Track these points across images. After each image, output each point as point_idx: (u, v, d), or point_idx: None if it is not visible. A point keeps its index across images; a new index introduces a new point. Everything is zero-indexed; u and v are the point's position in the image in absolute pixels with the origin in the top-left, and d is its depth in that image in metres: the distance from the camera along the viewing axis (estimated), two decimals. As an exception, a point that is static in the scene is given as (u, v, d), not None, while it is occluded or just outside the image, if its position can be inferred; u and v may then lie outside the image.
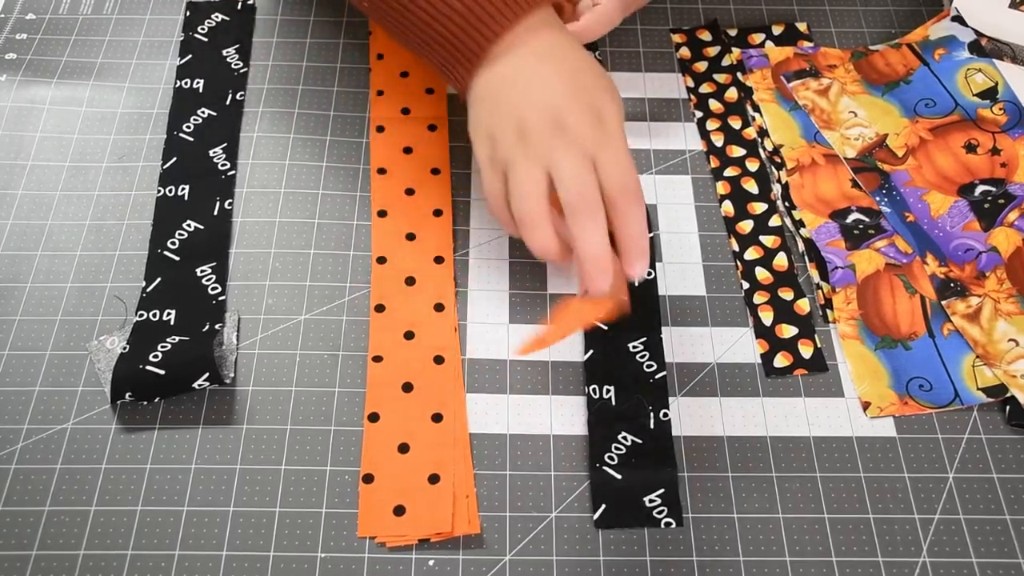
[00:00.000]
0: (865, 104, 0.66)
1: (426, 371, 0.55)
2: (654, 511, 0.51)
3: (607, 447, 0.53)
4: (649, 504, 0.51)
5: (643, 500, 0.51)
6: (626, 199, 0.49)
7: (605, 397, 0.54)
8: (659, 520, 0.50)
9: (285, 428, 0.53)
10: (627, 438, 0.53)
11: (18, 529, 0.49)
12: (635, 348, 0.56)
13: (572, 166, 0.48)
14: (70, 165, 0.63)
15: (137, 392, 0.53)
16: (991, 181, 0.62)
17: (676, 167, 0.65)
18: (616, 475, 0.51)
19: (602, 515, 0.51)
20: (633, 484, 0.51)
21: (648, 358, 0.56)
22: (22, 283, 0.58)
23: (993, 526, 0.51)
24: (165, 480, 0.51)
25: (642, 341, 0.56)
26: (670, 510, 0.51)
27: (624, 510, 0.51)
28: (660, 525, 0.50)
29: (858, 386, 0.55)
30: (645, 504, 0.51)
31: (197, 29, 0.70)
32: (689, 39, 0.71)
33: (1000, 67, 0.67)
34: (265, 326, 0.57)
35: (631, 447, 0.53)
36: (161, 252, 0.59)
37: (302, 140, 0.65)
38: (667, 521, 0.50)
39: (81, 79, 0.67)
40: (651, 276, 0.59)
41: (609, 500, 0.51)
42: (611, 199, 0.49)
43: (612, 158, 0.49)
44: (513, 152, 0.49)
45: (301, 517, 0.50)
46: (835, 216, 0.61)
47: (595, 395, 0.54)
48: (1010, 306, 0.57)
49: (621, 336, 0.56)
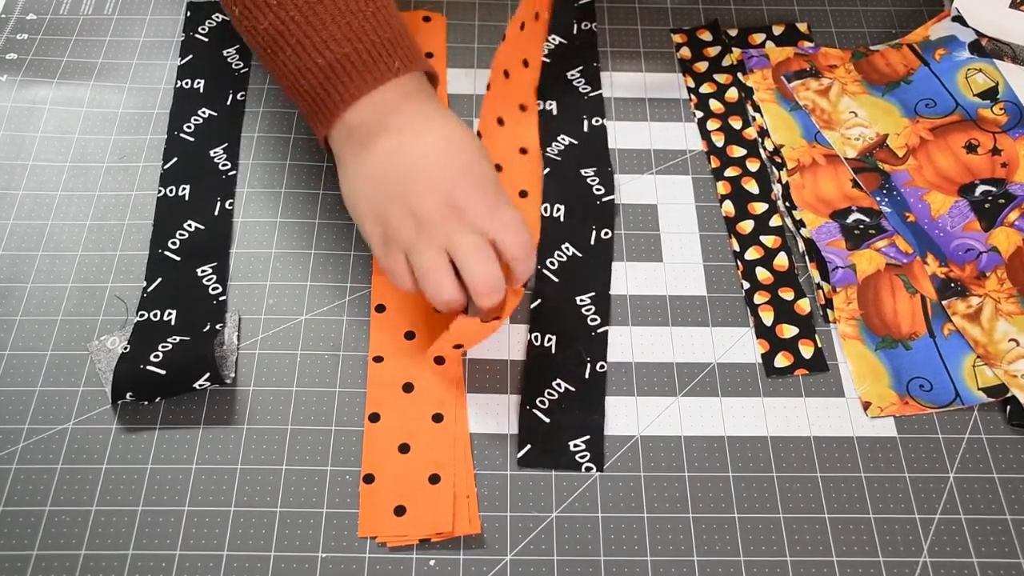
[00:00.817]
0: (866, 104, 0.66)
1: (427, 371, 0.55)
2: (577, 455, 0.52)
3: (540, 391, 0.54)
4: (573, 448, 0.52)
5: (568, 444, 0.53)
6: (523, 257, 0.50)
7: (546, 345, 0.56)
8: (580, 464, 0.52)
9: (286, 428, 0.53)
10: (560, 385, 0.55)
11: (19, 529, 0.49)
12: (582, 301, 0.58)
13: (470, 248, 0.49)
14: (71, 165, 0.63)
15: (138, 392, 0.53)
16: (991, 181, 0.62)
17: (677, 167, 0.65)
18: (545, 418, 0.53)
19: (526, 454, 0.52)
20: (560, 428, 0.53)
21: (593, 312, 0.58)
22: (23, 283, 0.58)
23: (994, 526, 0.51)
24: (166, 480, 0.51)
25: (590, 296, 0.58)
26: (592, 456, 0.52)
27: (548, 452, 0.52)
28: (581, 469, 0.52)
29: (859, 386, 0.55)
30: (569, 448, 0.53)
31: (198, 29, 0.70)
32: (690, 39, 0.71)
33: (1000, 67, 0.67)
34: (266, 326, 0.57)
35: (564, 393, 0.54)
36: (162, 252, 0.59)
37: (303, 140, 0.65)
38: (588, 466, 0.52)
39: (82, 79, 0.67)
40: (608, 236, 0.61)
41: (535, 441, 0.53)
42: (510, 263, 0.50)
43: (506, 227, 0.50)
44: (413, 241, 0.50)
45: (302, 517, 0.50)
46: (836, 216, 0.61)
47: (536, 343, 0.56)
48: (1011, 306, 0.57)
49: (570, 289, 0.58)
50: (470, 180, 0.51)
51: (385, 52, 0.52)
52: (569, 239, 0.60)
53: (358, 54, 0.52)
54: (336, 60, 0.52)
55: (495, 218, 0.50)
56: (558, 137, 0.65)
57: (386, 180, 0.51)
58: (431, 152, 0.51)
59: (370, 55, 0.52)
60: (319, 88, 0.52)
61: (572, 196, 0.62)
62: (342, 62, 0.52)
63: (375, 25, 0.52)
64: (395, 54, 0.52)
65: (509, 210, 0.51)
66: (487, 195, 0.51)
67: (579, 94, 0.67)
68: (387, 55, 0.52)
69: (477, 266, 0.48)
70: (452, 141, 0.52)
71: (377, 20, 0.53)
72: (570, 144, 0.65)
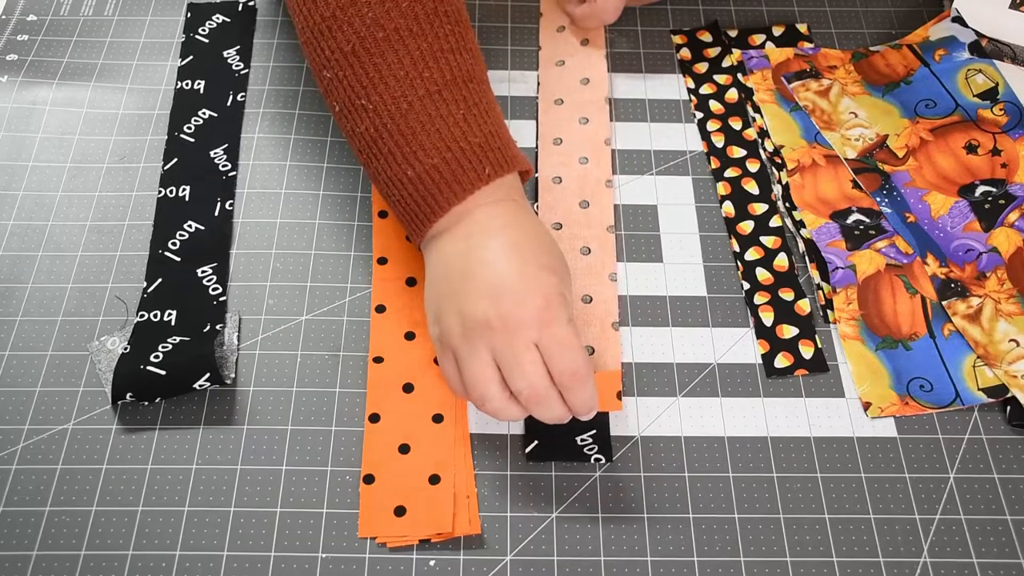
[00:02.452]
0: (866, 105, 0.66)
1: (427, 372, 0.55)
2: (585, 448, 0.52)
3: None
4: (580, 442, 0.53)
5: (575, 439, 0.53)
6: (574, 380, 0.47)
7: None
8: (589, 456, 0.52)
9: (286, 429, 0.53)
10: None
11: (19, 529, 0.49)
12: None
13: (514, 358, 0.47)
14: (71, 166, 0.63)
15: (138, 392, 0.53)
16: (991, 182, 0.62)
17: (677, 168, 0.65)
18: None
19: (534, 449, 0.52)
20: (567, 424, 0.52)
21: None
22: (23, 284, 0.58)
23: (994, 526, 0.51)
24: (166, 480, 0.51)
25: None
26: (600, 447, 0.52)
27: (556, 446, 0.52)
28: (590, 460, 0.52)
29: (859, 386, 0.55)
30: (576, 442, 0.53)
31: (198, 30, 0.70)
32: (690, 40, 0.71)
33: (1000, 68, 0.67)
34: (266, 327, 0.57)
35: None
36: (162, 253, 0.59)
37: (303, 141, 0.65)
38: (596, 457, 0.52)
39: (82, 80, 0.67)
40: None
41: (541, 436, 0.53)
42: (559, 382, 0.48)
43: (555, 342, 0.47)
44: (459, 344, 0.48)
45: (302, 517, 0.50)
46: (836, 217, 0.61)
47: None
48: (1011, 306, 0.57)
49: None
50: (526, 288, 0.48)
51: (476, 158, 0.50)
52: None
53: (447, 164, 0.50)
54: (425, 172, 0.50)
55: (546, 330, 0.47)
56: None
57: (447, 283, 0.50)
58: (492, 257, 0.49)
59: (460, 164, 0.50)
60: (409, 200, 0.51)
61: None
62: (431, 173, 0.50)
63: (464, 130, 0.50)
64: (486, 159, 0.50)
65: (566, 330, 0.48)
66: (540, 308, 0.48)
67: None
68: (477, 162, 0.50)
69: (520, 378, 0.47)
70: (520, 247, 0.49)
71: (468, 124, 0.51)
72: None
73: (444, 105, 0.50)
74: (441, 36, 0.51)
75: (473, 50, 0.53)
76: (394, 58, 0.50)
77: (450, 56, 0.51)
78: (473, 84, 0.52)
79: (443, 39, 0.51)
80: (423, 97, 0.50)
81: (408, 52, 0.50)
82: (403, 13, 0.51)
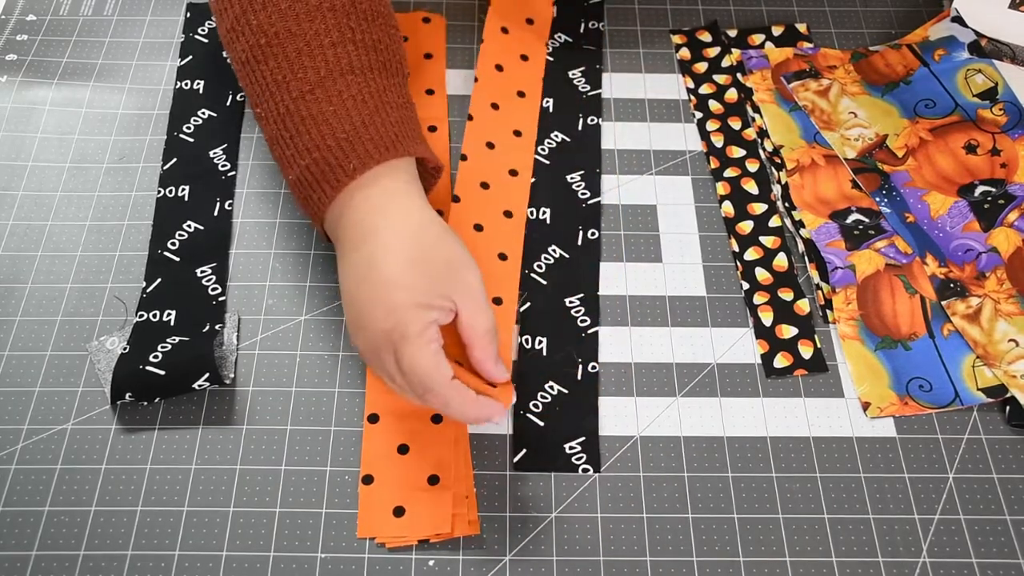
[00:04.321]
0: (865, 105, 0.66)
1: (426, 371, 0.55)
2: (573, 457, 0.52)
3: (533, 395, 0.54)
4: (569, 451, 0.52)
5: (563, 447, 0.53)
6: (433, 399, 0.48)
7: (537, 348, 0.56)
8: (577, 466, 0.52)
9: (285, 428, 0.53)
10: (553, 387, 0.55)
11: (18, 529, 0.49)
12: (571, 303, 0.58)
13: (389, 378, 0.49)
14: (70, 166, 0.63)
15: (137, 392, 0.53)
16: (991, 182, 0.62)
17: (676, 168, 0.65)
18: (539, 422, 0.53)
19: (521, 459, 0.52)
20: (555, 431, 0.53)
21: (583, 313, 0.57)
22: (22, 283, 0.58)
23: (993, 526, 0.51)
24: (165, 480, 0.51)
25: (579, 298, 0.58)
26: (588, 457, 0.52)
27: (543, 456, 0.52)
28: (578, 471, 0.52)
29: (858, 386, 0.55)
30: (565, 451, 0.52)
31: (197, 30, 0.70)
32: (689, 40, 0.71)
33: (1000, 68, 0.67)
34: (265, 327, 0.57)
35: (556, 396, 0.54)
36: (161, 253, 0.59)
37: (302, 141, 0.65)
38: (584, 467, 0.52)
39: (81, 80, 0.67)
40: (595, 236, 0.61)
41: (529, 445, 0.53)
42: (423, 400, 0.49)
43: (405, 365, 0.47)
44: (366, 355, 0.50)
45: (301, 518, 0.50)
46: (835, 216, 0.61)
47: (527, 345, 0.56)
48: (1010, 306, 0.57)
49: (559, 292, 0.58)
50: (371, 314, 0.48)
51: (342, 155, 0.50)
52: (556, 241, 0.60)
53: (316, 165, 0.51)
54: (297, 179, 0.52)
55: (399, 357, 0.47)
56: (551, 134, 0.65)
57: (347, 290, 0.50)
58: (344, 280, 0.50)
59: (327, 163, 0.50)
60: (298, 203, 0.53)
61: (559, 200, 0.62)
62: (304, 176, 0.51)
63: (333, 127, 0.50)
64: (351, 154, 0.50)
65: (409, 348, 0.47)
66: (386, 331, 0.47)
67: (578, 92, 0.67)
68: (343, 158, 0.50)
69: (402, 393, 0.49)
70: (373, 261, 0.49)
71: (338, 119, 0.51)
72: (562, 141, 0.65)
73: (316, 104, 0.51)
74: (322, 32, 0.52)
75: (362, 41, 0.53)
76: (274, 63, 0.52)
77: (328, 51, 0.52)
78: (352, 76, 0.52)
79: (323, 35, 0.52)
80: (296, 99, 0.52)
81: (286, 56, 0.52)
82: (283, 15, 0.52)
